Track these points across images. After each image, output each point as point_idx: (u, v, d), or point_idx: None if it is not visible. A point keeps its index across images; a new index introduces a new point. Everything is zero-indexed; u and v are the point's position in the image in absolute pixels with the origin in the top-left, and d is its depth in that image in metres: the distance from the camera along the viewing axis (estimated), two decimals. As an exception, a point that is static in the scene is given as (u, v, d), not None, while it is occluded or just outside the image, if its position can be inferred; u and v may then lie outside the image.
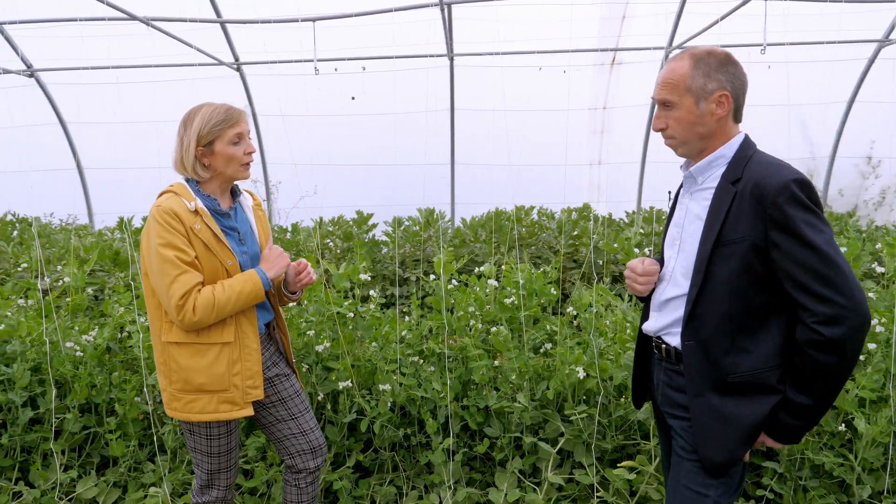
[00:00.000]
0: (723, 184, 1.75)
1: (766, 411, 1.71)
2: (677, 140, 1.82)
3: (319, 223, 8.07)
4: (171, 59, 7.50)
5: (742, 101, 1.78)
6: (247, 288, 2.17)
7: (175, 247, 2.12)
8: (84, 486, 3.15)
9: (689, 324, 1.78)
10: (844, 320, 1.56)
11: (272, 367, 2.47)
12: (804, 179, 1.63)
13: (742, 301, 1.70)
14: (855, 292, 1.57)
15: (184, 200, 2.20)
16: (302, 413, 2.52)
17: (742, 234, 1.67)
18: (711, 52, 1.76)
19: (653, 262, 1.95)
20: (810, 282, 1.59)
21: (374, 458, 3.21)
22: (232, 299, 2.13)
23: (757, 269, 1.67)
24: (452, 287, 3.46)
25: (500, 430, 3.02)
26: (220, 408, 2.24)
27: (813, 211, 1.61)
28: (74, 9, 5.85)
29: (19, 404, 3.15)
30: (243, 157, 2.28)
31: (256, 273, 2.21)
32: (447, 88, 8.31)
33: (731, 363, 1.72)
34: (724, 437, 1.73)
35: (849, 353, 1.58)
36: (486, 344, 3.31)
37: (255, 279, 2.19)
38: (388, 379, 3.11)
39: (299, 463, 2.52)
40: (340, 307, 3.12)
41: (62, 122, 8.60)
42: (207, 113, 2.25)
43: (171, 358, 2.22)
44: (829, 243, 1.59)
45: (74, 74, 7.75)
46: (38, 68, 7.85)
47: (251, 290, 2.17)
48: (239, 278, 2.19)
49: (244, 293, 2.16)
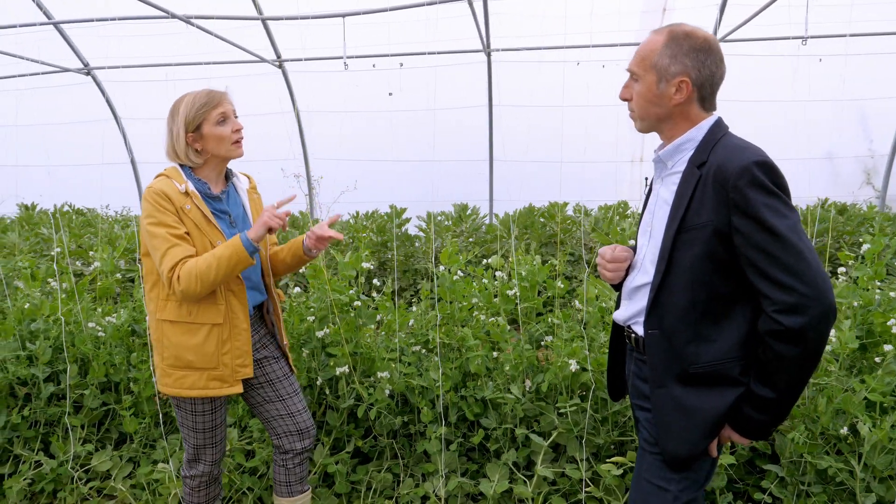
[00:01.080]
0: (689, 168, 1.69)
1: (728, 404, 1.64)
2: (635, 114, 1.78)
3: (356, 217, 8.20)
4: (216, 56, 7.74)
5: (709, 91, 1.71)
6: (227, 252, 2.15)
7: (165, 224, 2.19)
8: (99, 459, 3.29)
9: (653, 312, 1.72)
10: (805, 310, 1.48)
11: (261, 349, 2.52)
12: (767, 162, 1.55)
13: (705, 289, 1.64)
14: (818, 280, 1.49)
15: (175, 183, 2.27)
16: (290, 395, 2.57)
17: (705, 220, 1.61)
18: (689, 35, 1.69)
19: (625, 249, 1.90)
20: (770, 268, 1.52)
21: (373, 444, 3.24)
22: (213, 265, 2.14)
23: (721, 256, 1.61)
24: (458, 278, 3.46)
25: (497, 422, 3.00)
26: (210, 384, 2.30)
27: (776, 194, 1.54)
28: (117, 8, 6.11)
29: (42, 379, 3.32)
30: (232, 135, 2.34)
31: (239, 237, 2.19)
32: (485, 84, 8.29)
33: (693, 353, 1.66)
34: (686, 430, 1.67)
35: (811, 343, 1.50)
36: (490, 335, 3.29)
37: (236, 241, 2.17)
38: (387, 367, 3.13)
39: (286, 444, 2.57)
40: (341, 294, 3.16)
41: (116, 118, 9.00)
42: (190, 100, 2.33)
43: (164, 335, 2.30)
44: (791, 229, 1.51)
45: (127, 72, 8.09)
46: (93, 66, 8.25)
47: (232, 252, 2.15)
48: (220, 246, 2.20)
49: (224, 257, 2.15)
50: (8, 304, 3.44)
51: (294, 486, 2.63)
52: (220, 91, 2.41)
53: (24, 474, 3.19)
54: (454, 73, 8.03)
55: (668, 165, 1.78)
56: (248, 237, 2.19)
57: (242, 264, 2.19)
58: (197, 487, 2.54)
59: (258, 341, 2.52)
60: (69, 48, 7.79)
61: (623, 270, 1.89)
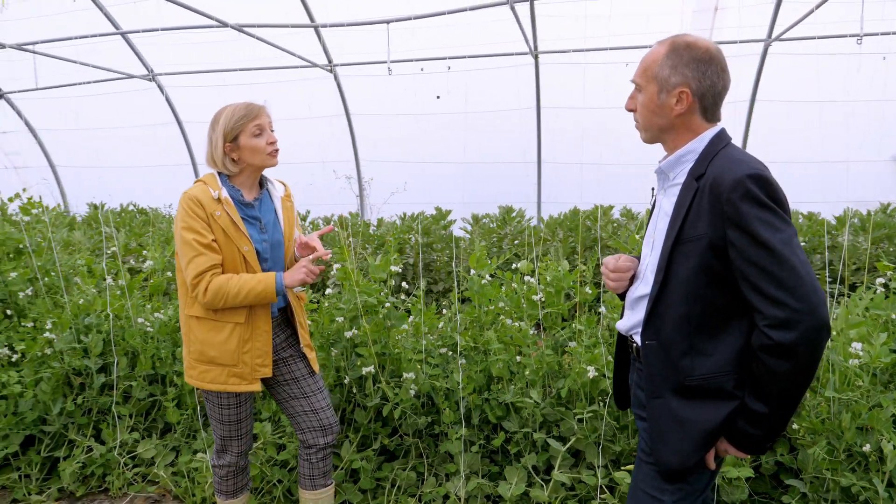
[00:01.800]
0: (688, 180, 1.70)
1: (721, 417, 1.64)
2: (640, 125, 1.80)
3: (403, 218, 8.33)
4: (270, 61, 8.02)
5: (711, 102, 1.71)
6: (258, 287, 2.31)
7: (194, 230, 2.34)
8: (144, 447, 3.50)
9: (650, 323, 1.74)
10: (796, 325, 1.47)
11: (287, 348, 2.64)
12: (762, 175, 1.54)
13: (701, 302, 1.64)
14: (810, 296, 1.47)
15: (210, 189, 2.41)
16: (314, 393, 2.68)
17: (701, 232, 1.62)
18: (691, 45, 1.70)
19: (629, 259, 1.92)
20: (762, 283, 1.51)
21: (399, 443, 3.33)
22: (242, 293, 2.30)
23: (716, 269, 1.61)
24: (486, 282, 3.51)
25: (518, 425, 3.03)
26: (230, 381, 2.44)
27: (770, 208, 1.53)
28: (177, 17, 6.42)
29: (94, 370, 3.55)
30: (267, 147, 2.46)
31: (274, 277, 2.33)
32: (532, 86, 8.28)
33: (688, 365, 1.66)
34: (679, 442, 1.68)
35: (802, 359, 1.49)
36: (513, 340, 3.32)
37: (270, 282, 2.32)
38: (413, 367, 3.21)
39: (310, 439, 2.68)
40: (370, 296, 3.26)
41: (179, 122, 9.43)
42: (230, 112, 2.46)
43: (191, 330, 2.45)
44: (785, 243, 1.50)
45: (187, 78, 8.48)
46: (157, 72, 8.67)
47: (262, 290, 2.31)
48: (256, 276, 2.34)
49: (254, 291, 2.31)
50: (65, 300, 3.69)
51: (317, 480, 2.74)
52: (258, 105, 2.54)
53: (77, 458, 3.42)
54: (500, 76, 8.06)
55: (670, 177, 1.79)
56: (282, 283, 2.34)
57: (268, 300, 2.37)
58: (225, 476, 2.68)
59: (284, 341, 2.64)
60: (135, 56, 8.21)
61: (626, 280, 1.90)
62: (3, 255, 3.84)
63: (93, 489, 3.43)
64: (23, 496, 3.35)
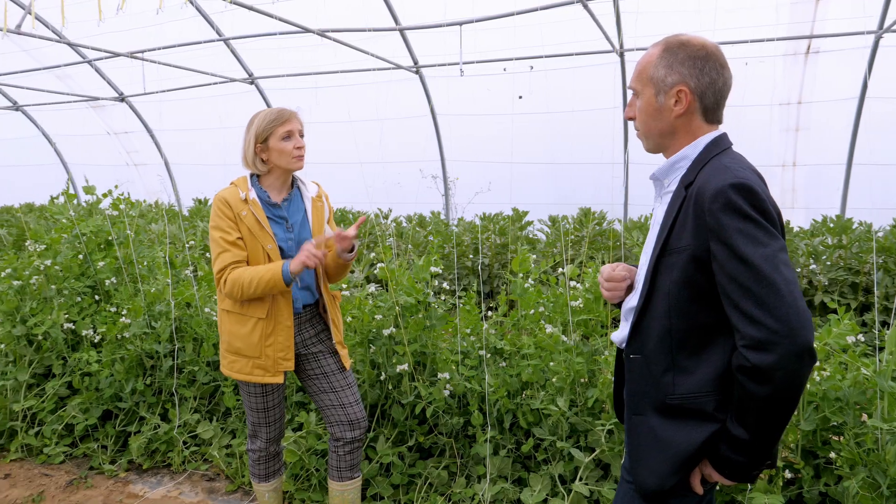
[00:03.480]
0: (679, 188, 1.62)
1: (700, 440, 1.55)
2: (640, 132, 1.72)
3: (483, 218, 8.36)
4: (357, 64, 8.29)
5: (712, 102, 1.61)
6: (267, 276, 2.42)
7: (221, 229, 2.50)
8: (203, 427, 3.75)
9: (635, 336, 1.67)
10: (774, 347, 1.37)
11: (318, 343, 2.75)
12: (746, 184, 1.44)
13: (683, 317, 1.56)
14: (790, 317, 1.36)
15: (239, 190, 2.57)
16: (343, 388, 2.77)
17: (685, 244, 1.54)
18: (685, 43, 1.61)
19: (626, 267, 1.85)
20: (742, 300, 1.42)
21: (434, 441, 3.36)
22: (254, 282, 2.43)
23: (700, 284, 1.52)
24: (529, 286, 3.47)
25: (549, 433, 2.99)
26: (254, 372, 2.58)
27: (753, 220, 1.43)
28: (269, 24, 6.77)
29: (162, 354, 3.85)
30: (294, 151, 2.59)
31: (281, 265, 2.44)
32: (619, 85, 8.04)
33: (669, 383, 1.59)
34: (657, 462, 1.60)
35: (780, 384, 1.38)
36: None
37: (277, 270, 2.42)
38: (448, 368, 3.24)
39: (337, 432, 2.78)
40: (409, 296, 3.32)
41: (276, 122, 9.95)
42: (263, 115, 2.61)
43: (222, 322, 2.62)
44: (767, 258, 1.40)
45: (282, 81, 8.93)
46: (257, 76, 9.19)
47: (270, 277, 2.42)
48: (267, 266, 2.46)
49: (263, 280, 2.42)
50: (140, 288, 4.02)
51: (344, 472, 2.83)
52: (290, 110, 2.67)
53: (145, 434, 3.73)
54: (584, 75, 7.89)
55: (665, 184, 1.71)
56: (288, 270, 2.42)
57: (278, 288, 2.46)
58: (257, 461, 2.84)
59: (314, 335, 2.75)
60: (236, 60, 8.75)
61: (621, 290, 1.84)
62: (95, 246, 4.23)
63: (157, 463, 3.72)
64: (98, 464, 3.70)
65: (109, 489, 3.51)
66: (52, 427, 3.80)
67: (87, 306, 4.08)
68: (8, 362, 4.02)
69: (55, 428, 3.81)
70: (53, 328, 3.86)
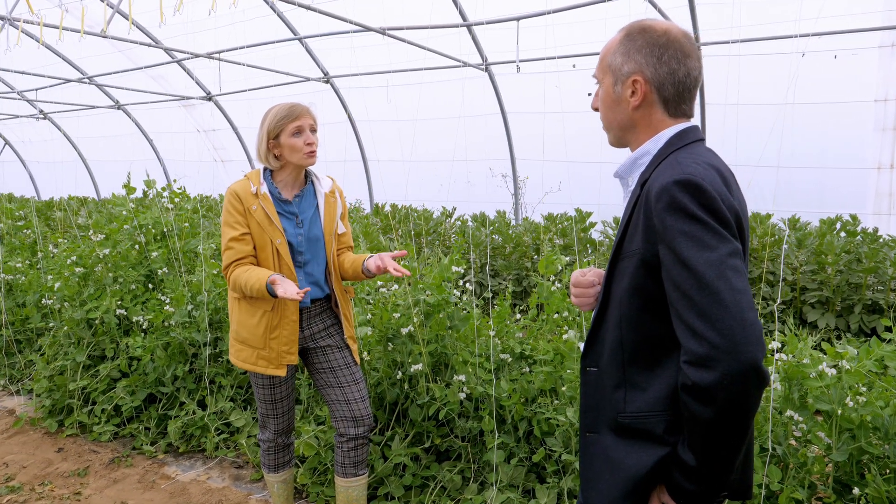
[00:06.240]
0: (636, 186, 1.48)
1: (649, 464, 1.41)
2: (603, 125, 1.59)
3: (549, 218, 8.18)
4: (427, 62, 8.31)
5: (672, 94, 1.45)
6: (256, 285, 2.42)
7: (229, 224, 2.56)
8: (235, 415, 3.87)
9: (592, 347, 1.55)
10: (715, 364, 1.22)
11: (326, 337, 2.76)
12: (692, 181, 1.28)
13: (635, 328, 1.42)
14: (734, 331, 1.20)
15: (251, 184, 2.62)
16: (350, 384, 2.77)
17: (636, 247, 1.40)
18: (646, 29, 1.47)
19: (596, 272, 1.72)
20: (684, 311, 1.27)
21: (451, 444, 3.30)
22: (246, 286, 2.47)
23: (650, 291, 1.39)
24: (556, 289, 3.34)
25: (561, 444, 2.86)
26: (259, 362, 2.62)
27: (699, 221, 1.27)
28: (339, 23, 6.90)
29: (202, 343, 4.00)
30: (304, 147, 2.61)
31: (266, 284, 2.39)
32: (695, 81, 7.61)
33: (621, 400, 1.46)
34: (607, 485, 1.47)
35: (723, 406, 1.22)
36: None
37: (262, 286, 2.40)
38: (464, 370, 3.17)
39: (342, 428, 2.78)
40: (429, 296, 3.27)
41: (351, 121, 10.15)
42: (276, 111, 2.65)
43: (232, 311, 2.69)
44: (711, 263, 1.24)
45: (355, 80, 9.09)
46: (332, 75, 9.41)
47: (259, 289, 2.41)
48: (260, 275, 2.43)
49: (254, 288, 2.43)
50: (183, 279, 4.20)
51: (348, 469, 2.83)
52: (302, 106, 2.70)
53: (182, 419, 3.89)
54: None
55: (629, 182, 1.57)
56: (273, 291, 2.36)
57: (264, 297, 2.48)
58: (266, 451, 2.89)
59: (324, 329, 2.76)
60: (311, 60, 9.00)
61: (589, 297, 1.71)
62: (151, 237, 4.47)
63: (193, 448, 3.88)
64: (139, 445, 3.89)
65: (146, 469, 3.68)
66: (103, 407, 4.04)
67: (140, 294, 4.32)
68: (70, 343, 4.31)
69: (105, 408, 4.05)
70: (107, 313, 4.11)
